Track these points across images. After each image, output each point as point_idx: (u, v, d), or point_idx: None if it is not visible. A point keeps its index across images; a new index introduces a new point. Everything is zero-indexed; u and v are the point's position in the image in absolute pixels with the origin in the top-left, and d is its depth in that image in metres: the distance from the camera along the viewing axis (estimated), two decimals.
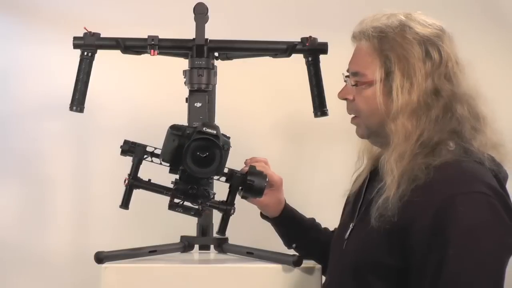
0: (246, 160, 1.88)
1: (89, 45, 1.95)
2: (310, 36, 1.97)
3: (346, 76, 1.65)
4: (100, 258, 1.74)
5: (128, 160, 1.83)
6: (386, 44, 1.58)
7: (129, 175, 1.81)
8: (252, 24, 2.51)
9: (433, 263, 1.43)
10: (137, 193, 1.83)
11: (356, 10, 2.56)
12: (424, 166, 1.49)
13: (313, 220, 1.93)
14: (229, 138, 1.76)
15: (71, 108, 1.96)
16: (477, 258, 1.42)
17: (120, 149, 1.82)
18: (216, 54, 1.99)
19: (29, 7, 2.51)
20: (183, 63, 1.95)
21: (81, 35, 1.96)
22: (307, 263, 1.75)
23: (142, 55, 2.00)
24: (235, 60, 2.05)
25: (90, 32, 1.95)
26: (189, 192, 1.75)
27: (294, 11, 2.55)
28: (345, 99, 1.66)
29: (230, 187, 1.83)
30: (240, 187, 1.81)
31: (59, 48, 2.34)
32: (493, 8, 2.59)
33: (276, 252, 1.79)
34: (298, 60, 2.01)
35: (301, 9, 2.54)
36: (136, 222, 2.44)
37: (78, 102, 1.96)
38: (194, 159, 1.70)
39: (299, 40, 1.98)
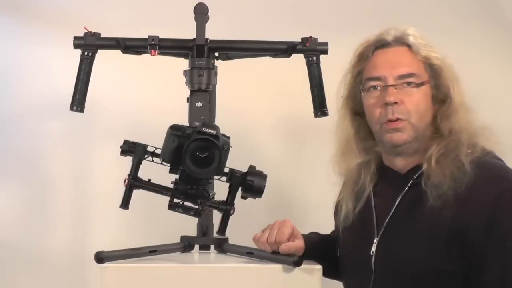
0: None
1: (89, 45, 1.95)
2: (311, 36, 1.97)
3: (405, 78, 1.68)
4: (100, 258, 1.74)
5: (128, 160, 1.83)
6: (421, 48, 1.66)
7: (129, 175, 1.81)
8: (252, 24, 2.51)
9: (496, 258, 1.50)
10: (137, 193, 1.84)
11: (356, 10, 2.57)
12: (460, 164, 1.56)
13: (325, 240, 1.93)
14: (229, 138, 1.76)
15: (71, 108, 1.96)
16: None
17: (120, 149, 1.82)
18: (217, 54, 1.99)
19: (29, 7, 2.51)
20: (183, 63, 1.95)
21: (82, 35, 1.96)
22: (307, 263, 1.75)
23: (142, 55, 2.00)
24: (235, 60, 2.05)
25: (90, 32, 1.95)
26: (188, 192, 1.75)
27: (294, 11, 2.55)
28: (395, 102, 1.65)
29: (230, 187, 1.83)
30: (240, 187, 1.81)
31: (60, 48, 2.35)
32: (493, 8, 2.59)
33: (276, 252, 1.78)
34: (298, 60, 2.00)
35: (301, 9, 2.54)
36: (136, 222, 2.45)
37: (78, 102, 1.96)
38: (194, 160, 1.70)
39: (300, 40, 1.98)
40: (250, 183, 1.79)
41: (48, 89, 2.49)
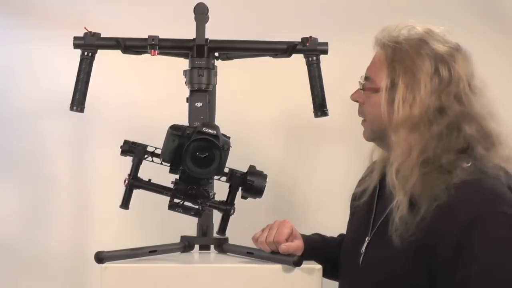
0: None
1: (89, 45, 1.95)
2: (311, 36, 1.97)
3: (363, 80, 1.67)
4: (100, 258, 1.74)
5: (128, 160, 1.83)
6: (398, 55, 1.59)
7: (129, 175, 1.81)
8: (252, 24, 2.51)
9: (459, 282, 1.46)
10: (137, 193, 1.84)
11: (356, 10, 2.57)
12: (444, 185, 1.51)
13: (326, 241, 1.92)
14: (229, 138, 1.76)
15: (71, 108, 1.96)
16: (502, 276, 1.44)
17: (120, 149, 1.82)
18: (217, 54, 1.99)
19: (29, 7, 2.51)
20: (183, 63, 1.95)
21: (82, 35, 1.96)
22: (307, 263, 1.75)
23: (142, 55, 2.00)
24: (235, 60, 2.05)
25: (90, 32, 1.95)
26: (188, 192, 1.75)
27: (294, 11, 2.55)
28: (356, 101, 1.70)
29: (230, 187, 1.83)
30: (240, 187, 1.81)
31: (59, 48, 2.34)
32: (493, 9, 2.59)
33: (276, 252, 1.78)
34: (298, 60, 2.00)
35: (301, 9, 2.54)
36: (136, 222, 2.44)
37: (78, 102, 1.95)
38: (194, 160, 1.70)
39: (300, 40, 1.98)
40: (250, 183, 1.79)
41: (48, 89, 2.49)
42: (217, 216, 1.90)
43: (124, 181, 1.81)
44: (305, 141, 2.55)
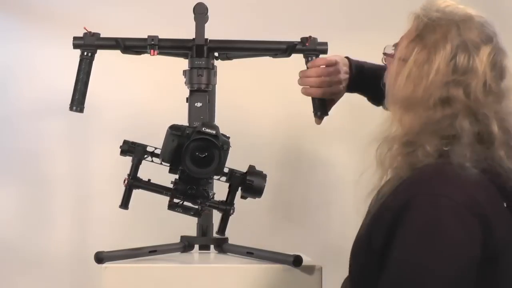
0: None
1: (89, 45, 1.95)
2: (310, 36, 1.97)
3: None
4: (100, 258, 1.74)
5: (128, 160, 1.83)
6: (424, 30, 1.51)
7: (129, 175, 1.81)
8: (252, 24, 2.51)
9: (384, 266, 1.40)
10: (137, 193, 1.83)
11: (356, 10, 2.57)
12: (410, 167, 1.45)
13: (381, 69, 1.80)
14: (228, 138, 1.76)
15: (71, 108, 1.96)
16: (419, 266, 1.35)
17: (120, 149, 1.82)
18: (216, 54, 1.99)
19: (29, 7, 2.51)
20: (183, 63, 1.95)
21: (81, 35, 1.96)
22: (307, 263, 1.75)
23: (142, 55, 2.00)
24: (235, 60, 2.05)
25: (90, 32, 1.95)
26: (188, 192, 1.75)
27: (294, 11, 2.55)
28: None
29: (229, 187, 1.83)
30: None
31: (59, 48, 2.35)
32: (494, 9, 2.58)
33: (276, 252, 1.78)
34: (298, 60, 2.00)
35: (301, 9, 2.54)
36: (136, 222, 2.44)
37: (78, 102, 1.95)
38: (193, 160, 1.70)
39: (299, 40, 1.98)
40: (250, 183, 1.79)
41: (48, 89, 2.49)
42: (217, 216, 1.90)
43: (124, 181, 1.81)
44: (305, 141, 2.55)
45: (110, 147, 2.10)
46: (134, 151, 1.82)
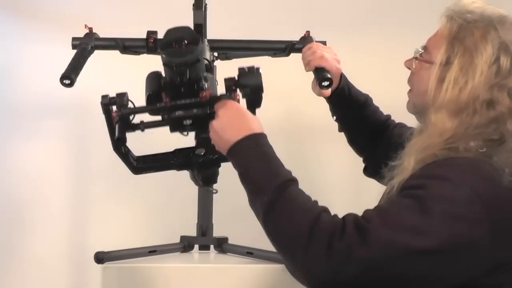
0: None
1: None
2: (308, 32, 1.97)
3: (421, 48, 1.59)
4: (100, 258, 1.74)
5: None
6: (462, 33, 1.49)
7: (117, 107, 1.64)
8: (250, 23, 2.51)
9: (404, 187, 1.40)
10: (137, 193, 1.84)
11: (356, 10, 2.57)
12: (435, 158, 1.43)
13: (365, 99, 1.87)
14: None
15: (60, 81, 1.85)
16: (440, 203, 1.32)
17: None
18: (216, 54, 1.99)
19: (29, 7, 2.51)
20: None
21: (81, 35, 1.96)
22: None
23: (141, 55, 2.00)
24: (234, 60, 2.05)
25: (90, 29, 1.95)
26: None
27: (294, 11, 2.55)
28: (409, 68, 1.60)
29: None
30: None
31: (59, 48, 2.34)
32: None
33: (276, 252, 1.78)
34: (298, 60, 2.01)
35: (301, 9, 2.55)
36: (136, 222, 2.44)
37: (67, 73, 1.83)
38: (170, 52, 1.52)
39: (298, 39, 1.98)
40: (245, 84, 1.58)
41: (47, 89, 2.49)
42: (216, 216, 1.90)
43: (113, 115, 1.64)
44: (305, 141, 2.55)
45: (110, 147, 2.09)
46: (116, 101, 1.66)
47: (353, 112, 1.85)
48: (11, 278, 2.48)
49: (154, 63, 2.07)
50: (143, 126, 1.62)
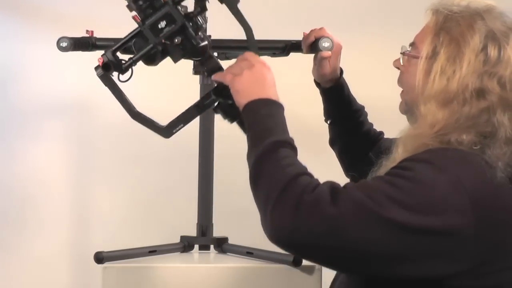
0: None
1: None
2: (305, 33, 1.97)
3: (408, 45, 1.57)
4: (100, 258, 1.74)
5: (129, 162, 1.83)
6: (447, 23, 1.46)
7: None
8: (251, 23, 2.50)
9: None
10: (137, 193, 1.84)
11: (356, 10, 2.57)
12: (424, 147, 1.40)
13: (362, 107, 1.87)
14: None
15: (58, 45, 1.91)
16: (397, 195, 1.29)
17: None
18: (215, 53, 1.99)
19: (29, 7, 2.51)
20: (182, 63, 1.95)
21: (81, 35, 1.96)
22: (307, 263, 1.75)
23: None
24: (234, 60, 2.05)
25: (91, 32, 1.95)
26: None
27: (294, 11, 2.55)
28: (398, 68, 1.58)
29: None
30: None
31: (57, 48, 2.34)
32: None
33: (276, 252, 1.78)
34: (297, 60, 2.00)
35: (300, 8, 2.54)
36: (136, 222, 2.44)
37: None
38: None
39: (299, 39, 1.98)
40: None
41: (48, 89, 2.49)
42: (217, 216, 1.90)
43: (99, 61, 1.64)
44: (304, 141, 2.54)
45: (110, 147, 2.10)
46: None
47: (348, 113, 1.85)
48: (11, 278, 2.48)
49: None
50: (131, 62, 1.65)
